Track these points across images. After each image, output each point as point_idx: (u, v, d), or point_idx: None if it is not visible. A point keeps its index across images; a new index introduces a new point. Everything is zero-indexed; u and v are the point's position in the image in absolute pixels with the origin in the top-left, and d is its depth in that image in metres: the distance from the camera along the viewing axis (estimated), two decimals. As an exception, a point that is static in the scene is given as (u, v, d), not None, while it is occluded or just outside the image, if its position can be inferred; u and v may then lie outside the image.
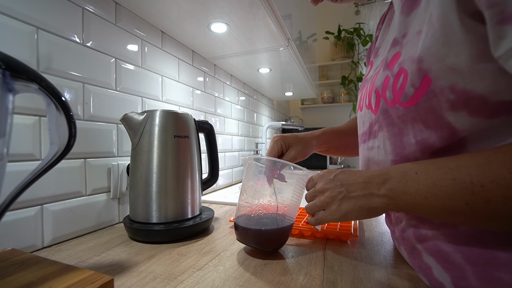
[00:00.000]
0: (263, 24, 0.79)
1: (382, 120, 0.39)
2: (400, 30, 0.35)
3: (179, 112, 0.58)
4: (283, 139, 0.56)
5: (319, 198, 0.40)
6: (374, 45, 0.58)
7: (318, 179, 0.42)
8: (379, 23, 0.58)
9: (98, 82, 0.59)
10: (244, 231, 0.45)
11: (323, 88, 2.59)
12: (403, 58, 0.33)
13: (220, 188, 1.14)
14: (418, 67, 0.30)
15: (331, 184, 0.38)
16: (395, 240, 0.45)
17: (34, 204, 0.47)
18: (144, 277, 0.38)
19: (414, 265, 0.38)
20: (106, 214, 0.61)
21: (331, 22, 2.51)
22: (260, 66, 1.18)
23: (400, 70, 0.33)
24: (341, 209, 0.37)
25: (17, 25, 0.45)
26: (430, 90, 0.30)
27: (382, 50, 0.47)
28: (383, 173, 0.34)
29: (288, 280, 0.36)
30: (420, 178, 0.30)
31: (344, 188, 0.37)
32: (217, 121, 1.14)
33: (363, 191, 0.35)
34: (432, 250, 0.34)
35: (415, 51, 0.31)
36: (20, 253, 0.36)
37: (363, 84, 0.51)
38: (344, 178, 0.38)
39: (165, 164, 0.54)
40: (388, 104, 0.36)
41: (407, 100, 0.33)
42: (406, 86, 0.32)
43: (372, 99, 0.41)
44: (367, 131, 0.45)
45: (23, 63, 0.29)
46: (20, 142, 0.45)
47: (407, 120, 0.34)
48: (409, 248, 0.38)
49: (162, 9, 0.69)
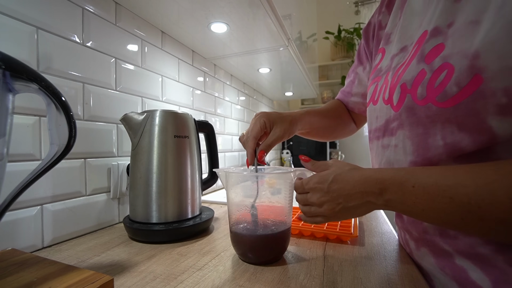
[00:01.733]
0: (263, 24, 0.79)
1: (405, 118, 0.36)
2: (446, 17, 0.31)
3: (179, 112, 0.58)
4: (267, 116, 0.50)
5: (316, 209, 0.38)
6: (375, 29, 0.55)
7: (312, 191, 0.39)
8: (382, 5, 0.54)
9: (98, 82, 0.59)
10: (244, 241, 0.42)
11: (323, 88, 2.59)
12: (450, 52, 0.29)
13: (220, 188, 1.14)
14: (470, 64, 0.27)
15: (327, 197, 0.37)
16: (413, 240, 0.42)
17: (34, 204, 0.47)
18: (144, 277, 0.38)
19: (443, 268, 0.36)
20: (106, 214, 0.61)
21: (331, 22, 2.51)
22: (260, 66, 1.18)
23: (444, 65, 0.30)
24: (339, 217, 0.38)
25: (17, 25, 0.45)
26: (478, 91, 0.27)
27: (397, 37, 0.43)
28: (378, 181, 0.33)
29: (288, 280, 0.36)
30: (418, 192, 0.29)
31: (342, 199, 0.36)
32: (217, 121, 1.14)
33: (360, 201, 0.35)
34: (467, 252, 0.33)
35: (470, 45, 0.27)
36: (20, 253, 0.36)
37: (376, 75, 0.47)
38: (339, 189, 0.36)
39: (165, 164, 0.54)
40: (417, 101, 0.33)
41: (445, 100, 0.30)
42: (448, 84, 0.29)
43: (395, 93, 0.37)
44: (381, 127, 0.42)
45: (23, 63, 0.29)
46: (20, 142, 0.45)
47: (438, 120, 0.32)
48: (435, 250, 0.37)
49: (162, 9, 0.69)
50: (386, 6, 0.52)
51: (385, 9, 0.53)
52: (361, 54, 0.62)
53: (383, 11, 0.53)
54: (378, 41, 0.53)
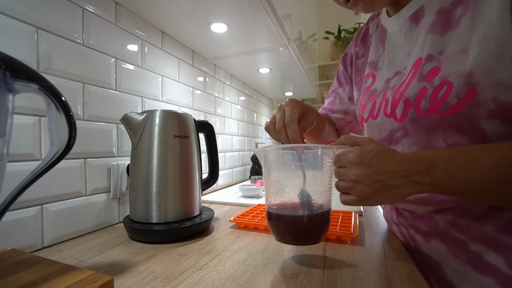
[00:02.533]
0: (263, 24, 0.79)
1: (410, 128, 0.42)
2: (436, 47, 0.39)
3: (179, 112, 0.58)
4: (301, 103, 0.49)
5: (350, 185, 0.35)
6: (352, 59, 0.64)
7: (350, 164, 0.35)
8: (357, 40, 0.63)
9: (98, 82, 0.59)
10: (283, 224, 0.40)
11: (323, 88, 2.59)
12: (446, 72, 0.36)
13: (220, 188, 1.14)
14: (466, 80, 0.34)
15: (366, 170, 0.34)
16: (421, 235, 0.46)
17: (34, 204, 0.47)
18: (144, 277, 0.38)
19: (457, 255, 0.41)
20: (106, 214, 0.61)
21: (331, 22, 2.51)
22: (260, 66, 1.18)
23: (443, 82, 0.36)
24: (378, 197, 0.34)
25: (17, 25, 0.45)
26: (473, 101, 0.34)
27: (387, 64, 0.50)
28: (424, 159, 0.33)
29: (288, 280, 0.36)
30: (472, 165, 0.31)
31: (382, 177, 0.33)
32: (217, 121, 1.14)
33: (404, 179, 0.33)
34: (480, 238, 0.38)
35: (463, 66, 0.35)
36: (20, 253, 0.36)
37: (371, 94, 0.52)
38: (381, 165, 0.34)
39: (165, 164, 0.54)
40: (420, 113, 0.39)
41: (447, 109, 0.36)
42: (449, 97, 0.36)
43: (398, 108, 0.43)
44: (386, 138, 0.47)
45: (23, 63, 0.29)
46: (20, 142, 0.45)
47: (440, 126, 0.38)
48: (448, 240, 0.42)
49: (162, 9, 0.69)
50: (361, 40, 0.62)
51: (360, 42, 0.62)
52: (340, 77, 0.70)
53: (359, 44, 0.62)
54: (356, 68, 0.62)
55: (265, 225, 0.58)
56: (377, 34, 0.55)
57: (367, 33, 0.60)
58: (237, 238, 0.54)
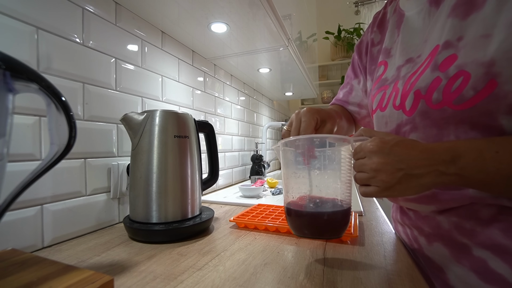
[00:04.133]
0: (263, 24, 0.79)
1: (419, 122, 0.38)
2: (454, 32, 0.35)
3: (179, 112, 0.58)
4: (319, 113, 0.47)
5: (370, 175, 0.34)
6: (367, 46, 0.59)
7: (370, 153, 0.34)
8: (373, 25, 0.58)
9: (98, 82, 0.59)
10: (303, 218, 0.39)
11: (323, 88, 2.59)
12: (464, 61, 0.33)
13: (220, 188, 1.14)
14: (486, 70, 0.30)
15: (388, 159, 0.32)
16: (424, 236, 0.44)
17: (34, 204, 0.47)
18: (144, 277, 0.38)
19: (460, 260, 0.38)
20: (106, 214, 0.61)
21: (331, 22, 2.51)
22: (260, 66, 1.18)
23: (459, 72, 0.33)
24: (400, 187, 0.32)
25: (17, 25, 0.45)
26: (493, 94, 0.30)
27: (399, 50, 0.46)
28: (449, 149, 0.31)
29: (288, 280, 0.36)
30: (504, 157, 0.28)
31: (404, 165, 0.31)
32: (217, 121, 1.14)
33: (427, 169, 0.31)
34: (486, 244, 0.35)
35: (483, 54, 0.31)
36: (20, 253, 0.36)
37: (382, 84, 0.49)
38: (402, 153, 0.32)
39: (165, 164, 0.54)
40: (431, 106, 0.36)
41: (462, 103, 0.33)
42: (465, 89, 0.32)
43: (407, 99, 0.39)
44: (392, 132, 0.44)
45: (23, 63, 0.29)
46: (20, 142, 0.45)
47: (452, 122, 0.34)
48: (451, 243, 0.39)
49: (162, 9, 0.69)
50: (377, 26, 0.57)
51: (376, 28, 0.57)
52: (355, 67, 0.65)
53: (375, 30, 0.57)
54: (372, 56, 0.58)
55: (265, 225, 0.58)
56: (394, 19, 0.51)
57: (385, 18, 0.55)
58: (237, 238, 0.54)
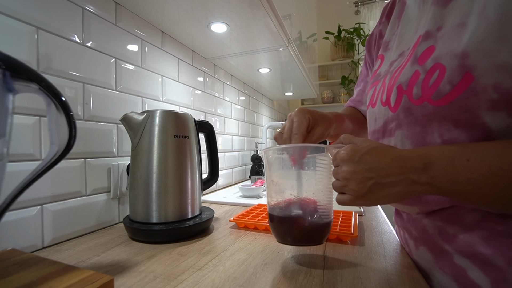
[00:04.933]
0: (263, 24, 0.79)
1: (403, 118, 0.36)
2: (435, 22, 0.33)
3: (179, 112, 0.58)
4: (311, 113, 0.46)
5: (343, 183, 0.34)
6: (376, 39, 0.57)
7: (342, 162, 0.34)
8: (382, 16, 0.56)
9: (98, 82, 0.59)
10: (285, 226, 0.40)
11: (323, 88, 2.59)
12: (440, 53, 0.31)
13: (220, 188, 1.14)
14: (460, 63, 0.28)
15: (357, 167, 0.32)
16: (413, 239, 0.42)
17: (34, 204, 0.47)
18: (144, 277, 0.38)
19: (442, 267, 0.36)
20: (106, 214, 0.61)
21: (331, 22, 2.51)
22: (260, 66, 1.18)
23: (435, 65, 0.31)
24: (372, 196, 0.32)
25: (17, 25, 0.45)
26: (470, 89, 0.28)
27: (396, 44, 0.45)
28: (422, 156, 0.30)
29: (288, 280, 0.36)
30: (475, 166, 0.26)
31: (374, 174, 0.31)
32: (217, 121, 1.14)
33: (398, 177, 0.30)
34: (466, 252, 0.32)
35: (457, 45, 0.29)
36: (20, 253, 0.36)
37: (375, 79, 0.48)
38: (373, 161, 0.31)
39: (165, 164, 0.54)
40: (413, 101, 0.34)
41: (440, 98, 0.31)
42: (441, 83, 0.30)
43: (392, 95, 0.38)
44: (380, 129, 0.43)
45: (23, 63, 0.29)
46: (20, 142, 0.45)
47: (434, 118, 0.32)
48: (435, 249, 0.37)
49: (162, 9, 0.69)
50: (386, 16, 0.55)
51: (385, 19, 0.55)
52: (366, 63, 0.63)
53: (383, 21, 0.55)
54: (379, 49, 0.55)
55: (265, 225, 0.58)
56: (398, 8, 0.48)
57: (393, 8, 0.52)
58: (237, 238, 0.54)
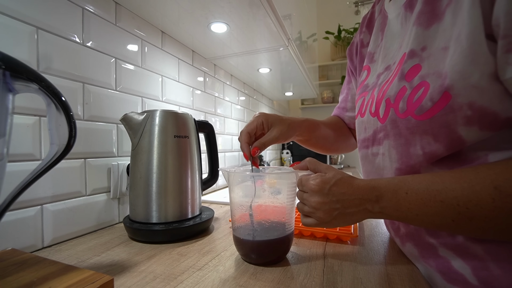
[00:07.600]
0: (263, 24, 0.79)
1: (390, 130, 0.40)
2: (418, 42, 0.36)
3: (179, 112, 0.58)
4: (265, 116, 0.51)
5: (310, 210, 0.39)
6: (357, 47, 0.60)
7: (312, 192, 0.39)
8: (362, 26, 0.59)
9: (98, 82, 0.59)
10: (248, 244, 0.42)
11: (323, 88, 2.59)
12: (427, 72, 0.34)
13: (220, 188, 1.14)
14: (441, 82, 0.31)
15: (326, 199, 0.37)
16: (399, 237, 0.44)
17: (34, 204, 0.47)
18: (144, 277, 0.38)
19: (427, 260, 0.38)
20: (106, 214, 0.61)
21: (331, 22, 2.51)
22: (260, 66, 1.18)
23: (421, 83, 0.34)
24: (335, 222, 0.38)
25: (17, 25, 0.45)
26: (448, 106, 0.31)
27: (381, 57, 0.47)
28: (375, 189, 0.35)
29: (288, 280, 0.36)
30: (411, 198, 0.33)
31: (340, 205, 0.37)
32: (217, 121, 1.14)
33: (358, 208, 0.36)
34: (449, 244, 0.35)
35: (443, 66, 0.31)
36: (20, 253, 0.36)
37: (363, 90, 0.50)
38: (339, 193, 0.37)
39: (165, 164, 0.54)
40: (399, 115, 0.37)
41: (422, 113, 0.34)
42: (423, 100, 0.33)
43: (381, 107, 0.41)
44: (370, 137, 0.45)
45: (23, 63, 0.29)
46: (20, 142, 0.45)
47: (417, 132, 0.35)
48: (421, 243, 0.39)
49: (162, 9, 0.69)
50: (366, 26, 0.57)
51: (365, 29, 0.57)
52: (348, 71, 0.66)
53: (364, 30, 0.58)
54: (361, 57, 0.58)
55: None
56: (379, 20, 0.51)
57: (373, 18, 0.55)
58: (237, 238, 0.54)
